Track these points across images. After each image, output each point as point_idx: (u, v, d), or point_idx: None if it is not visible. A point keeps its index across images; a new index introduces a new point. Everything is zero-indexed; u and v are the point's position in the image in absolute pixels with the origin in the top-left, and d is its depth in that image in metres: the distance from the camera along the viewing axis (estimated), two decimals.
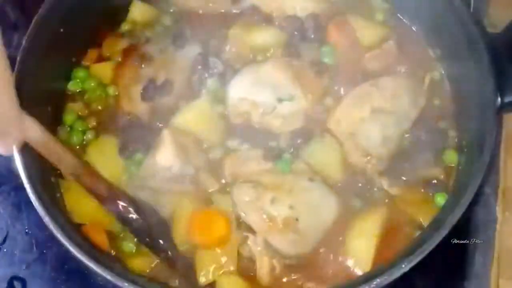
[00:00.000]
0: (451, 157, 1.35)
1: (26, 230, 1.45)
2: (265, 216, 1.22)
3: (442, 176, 1.32)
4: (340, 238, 1.26)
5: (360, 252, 1.23)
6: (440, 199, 1.28)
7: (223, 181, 1.32)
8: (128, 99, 1.42)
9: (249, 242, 1.23)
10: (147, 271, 1.25)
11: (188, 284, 1.23)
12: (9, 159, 1.20)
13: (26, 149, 1.19)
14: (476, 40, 1.30)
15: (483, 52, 1.28)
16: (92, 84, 1.45)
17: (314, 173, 1.30)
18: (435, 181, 1.31)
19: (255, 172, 1.30)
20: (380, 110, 1.34)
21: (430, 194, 1.30)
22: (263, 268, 1.22)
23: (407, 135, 1.37)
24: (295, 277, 1.23)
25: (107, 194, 1.25)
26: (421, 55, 1.50)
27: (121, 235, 1.28)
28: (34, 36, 1.32)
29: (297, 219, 1.22)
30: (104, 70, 1.48)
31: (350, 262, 1.23)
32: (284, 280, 1.23)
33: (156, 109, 1.41)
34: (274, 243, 1.22)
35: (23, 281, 1.40)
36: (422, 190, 1.31)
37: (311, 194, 1.26)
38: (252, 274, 1.23)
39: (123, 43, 1.51)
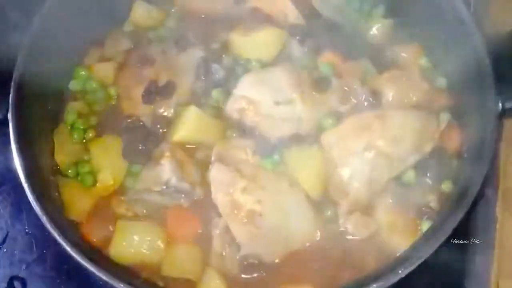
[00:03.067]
0: (448, 187, 1.30)
1: (26, 230, 1.45)
2: (232, 201, 1.22)
3: (433, 204, 1.28)
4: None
5: None
6: (425, 226, 1.24)
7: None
8: (129, 100, 1.42)
9: (212, 222, 1.25)
10: None
11: None
12: (9, 159, 1.20)
13: (25, 148, 1.19)
14: (476, 42, 1.29)
15: (484, 58, 1.27)
16: (94, 85, 1.45)
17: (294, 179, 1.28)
18: (424, 208, 1.28)
19: (239, 160, 1.30)
20: (376, 149, 1.26)
21: (418, 221, 1.27)
22: (215, 250, 1.23)
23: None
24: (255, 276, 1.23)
25: None
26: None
27: None
28: (34, 36, 1.32)
29: (261, 215, 1.21)
30: (105, 70, 1.48)
31: None
32: (243, 276, 1.23)
33: (157, 112, 1.40)
34: (233, 230, 1.22)
35: (23, 281, 1.40)
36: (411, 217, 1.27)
37: (284, 198, 1.25)
38: None
39: (125, 44, 1.51)
